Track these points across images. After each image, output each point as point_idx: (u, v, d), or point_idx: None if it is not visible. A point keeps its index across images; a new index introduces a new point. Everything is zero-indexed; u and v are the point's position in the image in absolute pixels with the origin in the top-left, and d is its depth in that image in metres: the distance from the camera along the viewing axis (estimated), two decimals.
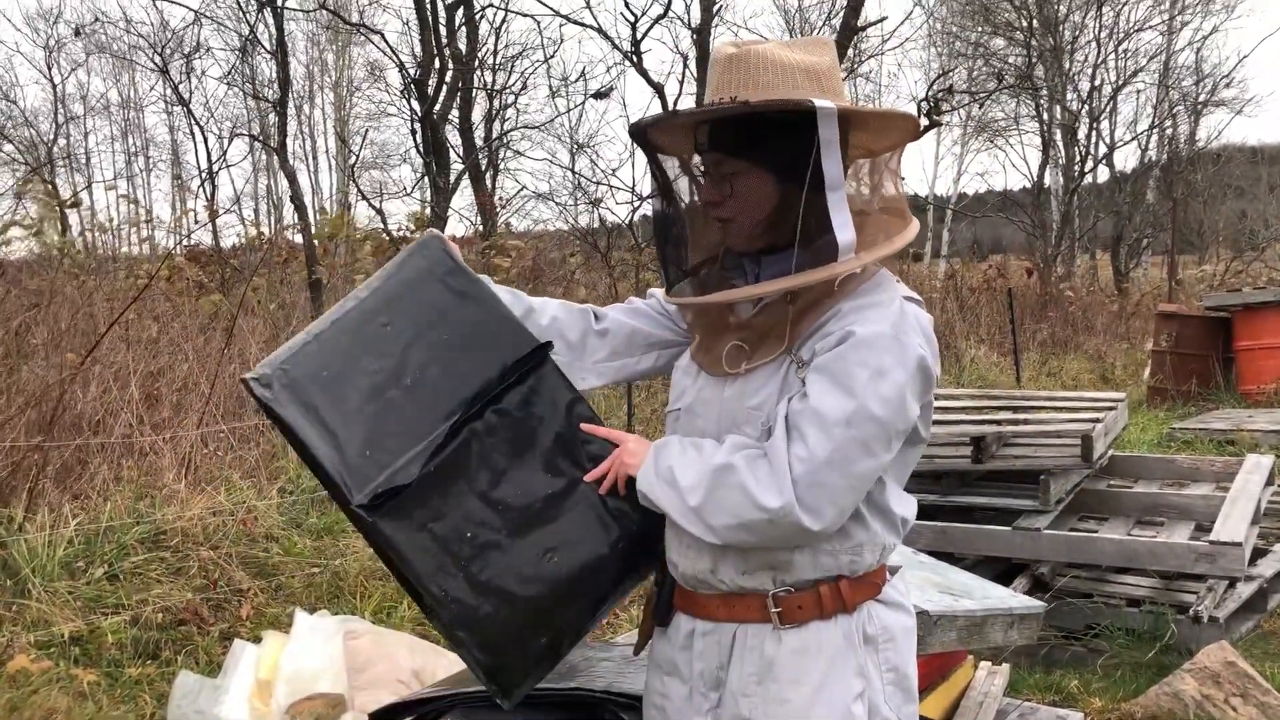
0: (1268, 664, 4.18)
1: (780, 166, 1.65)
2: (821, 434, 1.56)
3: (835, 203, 1.61)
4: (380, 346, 1.78)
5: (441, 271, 1.87)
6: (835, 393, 1.57)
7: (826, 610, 1.69)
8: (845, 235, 1.61)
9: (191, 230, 11.84)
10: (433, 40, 8.70)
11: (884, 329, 1.60)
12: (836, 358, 1.59)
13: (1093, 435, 5.01)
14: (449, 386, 1.78)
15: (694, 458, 1.67)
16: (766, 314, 1.71)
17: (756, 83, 1.63)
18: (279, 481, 5.54)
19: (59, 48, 21.04)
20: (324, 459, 1.70)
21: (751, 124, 1.64)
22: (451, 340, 1.81)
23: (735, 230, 1.73)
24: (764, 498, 1.57)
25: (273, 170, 21.22)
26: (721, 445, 1.67)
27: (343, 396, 1.74)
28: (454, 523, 1.74)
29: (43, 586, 4.21)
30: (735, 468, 1.60)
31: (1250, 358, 10.15)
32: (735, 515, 1.60)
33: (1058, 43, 20.80)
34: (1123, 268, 20.75)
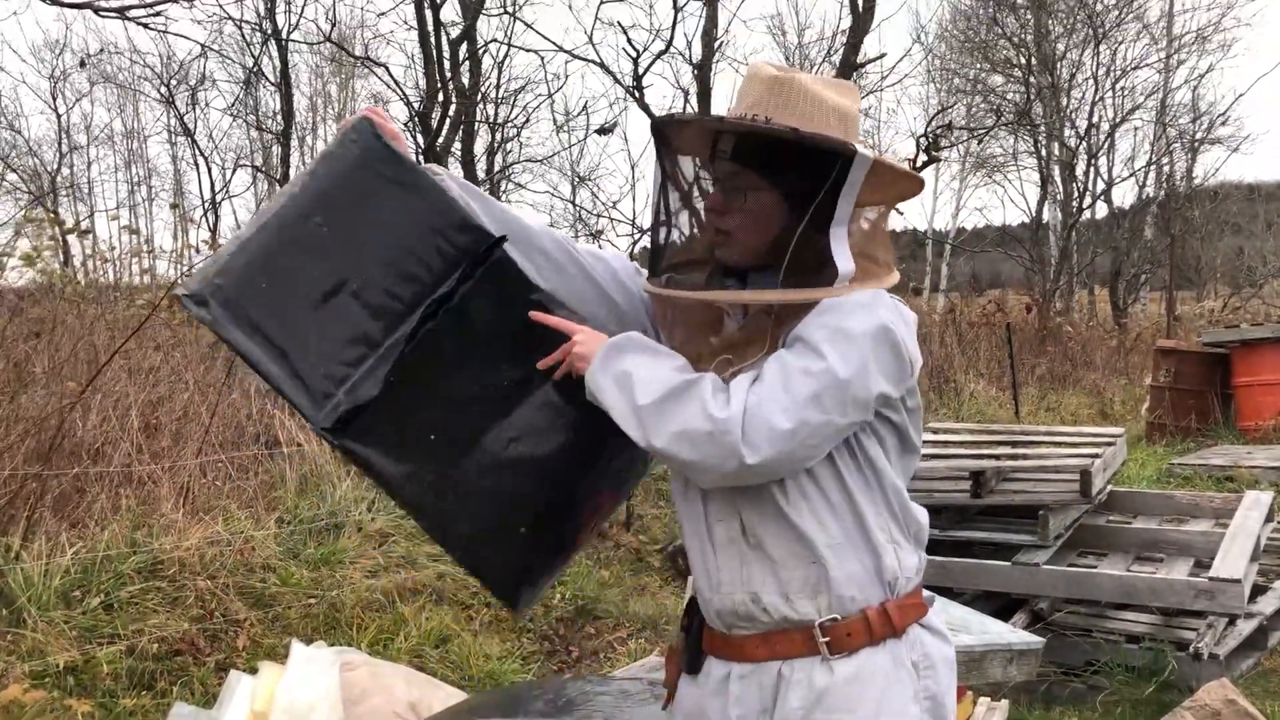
0: (1268, 702, 4.16)
1: (794, 194, 1.69)
2: (777, 377, 1.60)
3: (838, 236, 1.66)
4: (318, 249, 1.67)
5: (376, 160, 1.73)
6: (798, 348, 1.63)
7: (876, 635, 1.67)
8: (845, 265, 1.65)
9: (194, 264, 11.86)
10: (436, 74, 8.76)
11: (850, 301, 1.65)
12: (805, 324, 1.65)
13: (1091, 470, 5.01)
14: (399, 287, 1.70)
15: (654, 365, 1.67)
16: (749, 327, 1.74)
17: (794, 110, 1.68)
18: (277, 512, 5.52)
19: (64, 78, 21.19)
20: (278, 382, 1.63)
21: (782, 148, 1.68)
22: (395, 237, 1.71)
23: (732, 244, 1.75)
24: (713, 408, 1.59)
25: None
26: (675, 360, 1.69)
27: (285, 308, 1.64)
28: (418, 428, 1.70)
29: (38, 616, 4.19)
30: (699, 384, 1.63)
31: (1249, 394, 10.16)
32: (682, 423, 1.61)
33: (1055, 80, 20.97)
34: (1121, 303, 20.81)
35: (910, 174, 1.76)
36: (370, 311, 1.67)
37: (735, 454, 1.58)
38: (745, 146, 1.71)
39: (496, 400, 1.75)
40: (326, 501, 5.71)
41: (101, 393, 6.00)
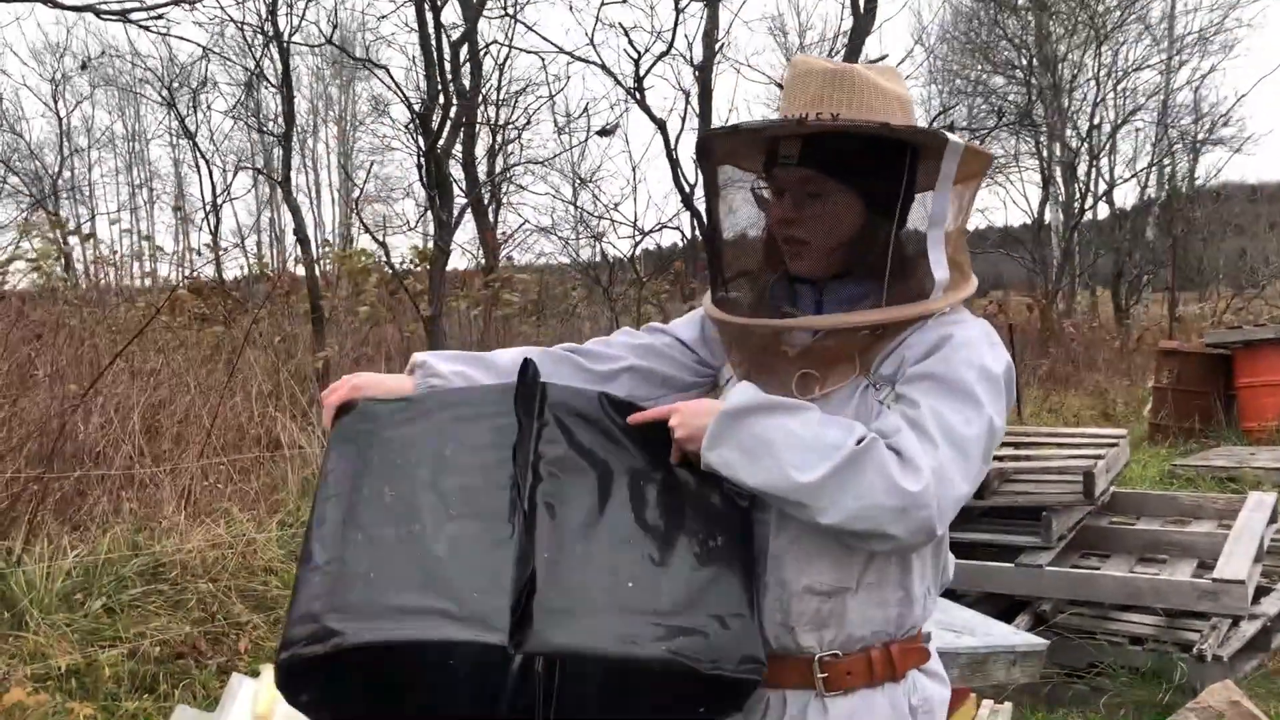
0: (1272, 703, 4.15)
1: (874, 191, 1.59)
2: (947, 436, 1.47)
3: (935, 240, 1.57)
4: (398, 515, 1.50)
5: (388, 416, 1.63)
6: (953, 399, 1.49)
7: (876, 677, 1.60)
8: (941, 273, 1.56)
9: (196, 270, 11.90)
10: (437, 76, 8.76)
11: (976, 333, 1.57)
12: (942, 362, 1.51)
13: (1095, 472, 5.00)
14: (485, 481, 1.53)
15: (795, 426, 1.49)
16: (837, 340, 1.60)
17: (861, 104, 1.57)
18: (278, 514, 5.52)
19: (65, 81, 21.22)
20: (448, 636, 1.38)
21: (864, 146, 1.57)
22: (451, 452, 1.57)
23: (808, 253, 1.63)
24: (902, 479, 1.43)
25: (276, 203, 21.34)
26: (819, 414, 1.51)
27: (405, 576, 1.43)
28: (598, 582, 1.46)
29: (40, 619, 4.19)
30: (873, 450, 1.45)
31: (1252, 395, 10.14)
32: (864, 498, 1.43)
33: (1057, 81, 20.96)
34: (1123, 304, 20.79)
35: (987, 153, 1.65)
36: (481, 520, 1.49)
37: (928, 528, 1.45)
38: (822, 147, 1.57)
39: (656, 513, 1.56)
40: None
41: (103, 395, 6.00)
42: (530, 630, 1.38)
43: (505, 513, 1.49)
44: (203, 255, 12.64)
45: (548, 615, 1.40)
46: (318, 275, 9.22)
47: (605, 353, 1.81)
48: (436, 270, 8.37)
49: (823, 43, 20.10)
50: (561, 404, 1.63)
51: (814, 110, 1.56)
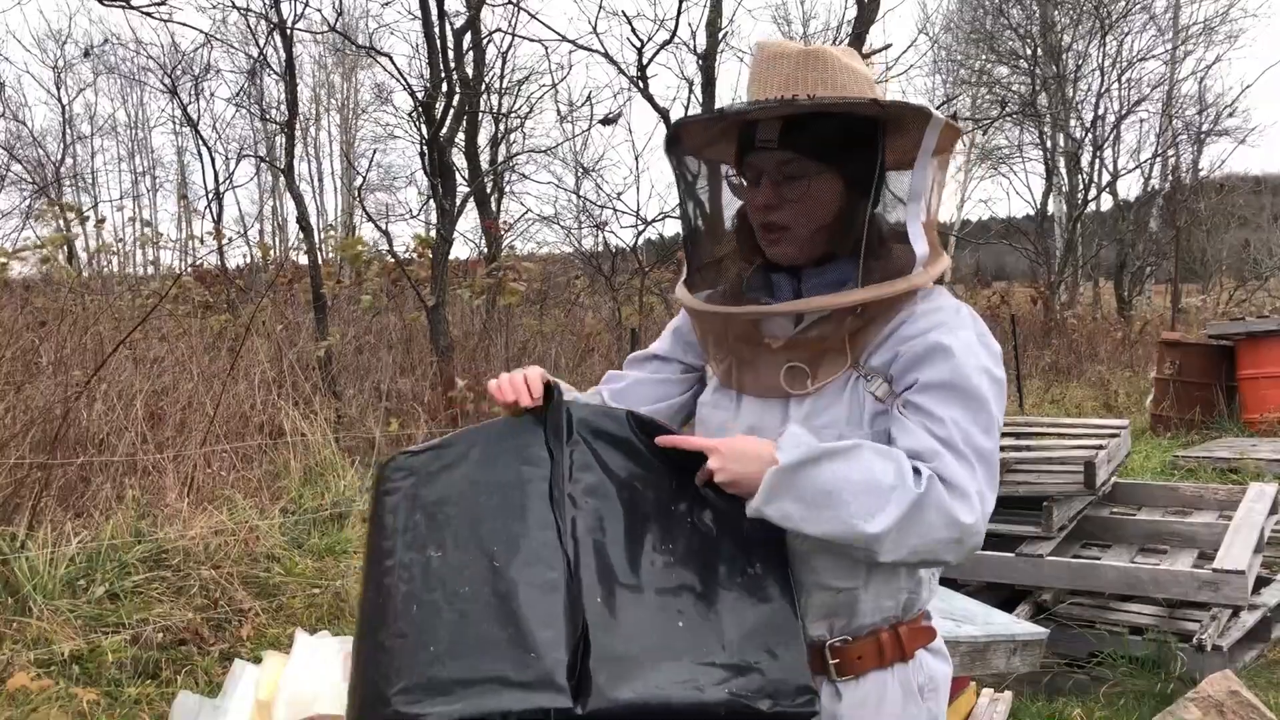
0: (1271, 693, 4.16)
1: (857, 170, 1.58)
2: (976, 452, 1.50)
3: (915, 214, 1.56)
4: (446, 578, 1.47)
5: (423, 468, 1.58)
6: (970, 408, 1.51)
7: (886, 659, 1.61)
8: (921, 247, 1.56)
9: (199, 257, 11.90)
10: (440, 64, 8.75)
11: (970, 334, 1.56)
12: (954, 370, 1.52)
13: (1095, 462, 5.01)
14: (525, 523, 1.49)
15: (856, 472, 1.46)
16: (821, 329, 1.59)
17: (835, 83, 1.54)
18: (281, 501, 5.54)
19: (68, 68, 21.21)
20: (510, 707, 1.37)
21: (837, 123, 1.56)
22: (485, 498, 1.52)
23: (790, 239, 1.60)
24: (961, 514, 1.46)
25: (279, 191, 21.34)
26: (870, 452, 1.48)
27: (461, 643, 1.41)
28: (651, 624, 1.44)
29: (44, 604, 4.21)
30: (933, 490, 1.46)
31: (1254, 386, 10.14)
32: (925, 538, 1.46)
33: (1061, 71, 20.91)
34: (1126, 296, 20.78)
35: (958, 127, 1.64)
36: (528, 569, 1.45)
37: (976, 549, 1.51)
38: (803, 129, 1.55)
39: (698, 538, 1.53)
40: (330, 491, 5.73)
41: (106, 383, 6.02)
42: (593, 687, 1.37)
43: (550, 554, 1.46)
44: (205, 243, 12.63)
45: (607, 668, 1.39)
46: (320, 263, 9.22)
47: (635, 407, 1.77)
48: (439, 259, 8.37)
49: (826, 31, 20.08)
50: (588, 424, 1.59)
51: (789, 91, 1.54)
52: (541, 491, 1.51)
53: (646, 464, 1.57)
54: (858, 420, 1.56)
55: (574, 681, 1.37)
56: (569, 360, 9.40)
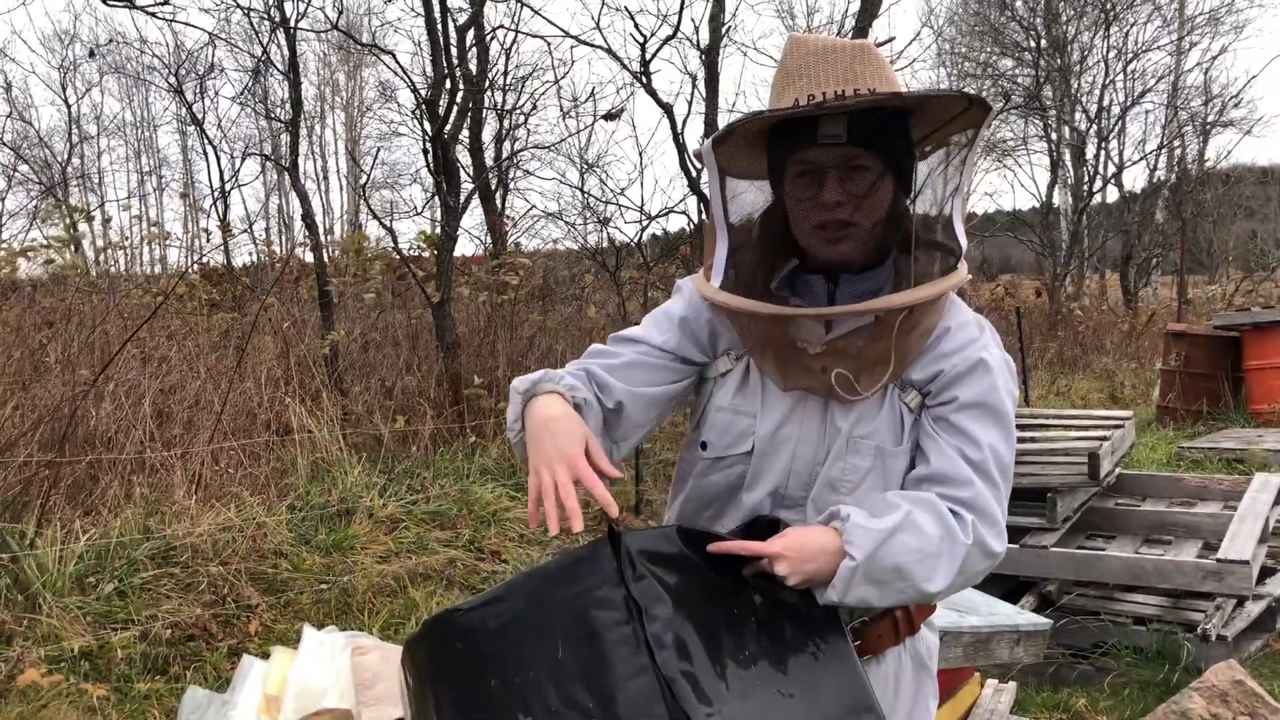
0: (1276, 683, 4.17)
1: (910, 168, 1.57)
2: (1004, 475, 1.59)
3: (958, 208, 1.57)
4: None
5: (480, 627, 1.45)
6: (1001, 430, 1.59)
7: (901, 635, 1.68)
8: (963, 240, 1.57)
9: (204, 253, 11.92)
10: (444, 61, 8.76)
11: (1000, 353, 1.62)
12: (990, 391, 1.58)
13: (1099, 453, 5.01)
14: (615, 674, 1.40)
15: (917, 531, 1.51)
16: (863, 336, 1.56)
17: (887, 78, 1.53)
18: (288, 498, 5.56)
19: (74, 68, 21.25)
20: None
21: (899, 120, 1.54)
22: (564, 654, 1.42)
23: (854, 236, 1.55)
24: (993, 544, 1.57)
25: (284, 190, 21.38)
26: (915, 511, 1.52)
27: None
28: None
29: (53, 601, 4.23)
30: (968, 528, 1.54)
31: (1260, 377, 10.13)
32: (966, 573, 1.56)
33: (1066, 63, 20.85)
34: (1132, 287, 20.73)
35: None
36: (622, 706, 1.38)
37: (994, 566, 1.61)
38: (868, 124, 1.51)
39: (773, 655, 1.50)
40: (338, 487, 5.75)
41: (114, 381, 6.04)
42: None
43: (648, 702, 1.38)
44: (211, 241, 12.66)
45: None
46: (326, 261, 9.24)
47: (607, 381, 1.69)
48: (444, 255, 8.38)
49: (830, 24, 20.03)
50: (646, 553, 1.50)
51: (849, 85, 1.50)
52: (624, 636, 1.41)
53: (703, 576, 1.52)
54: (895, 432, 1.59)
55: None
56: (574, 356, 9.40)
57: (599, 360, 1.71)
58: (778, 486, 1.63)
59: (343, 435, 6.28)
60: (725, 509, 1.69)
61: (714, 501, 1.70)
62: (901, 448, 1.57)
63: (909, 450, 1.58)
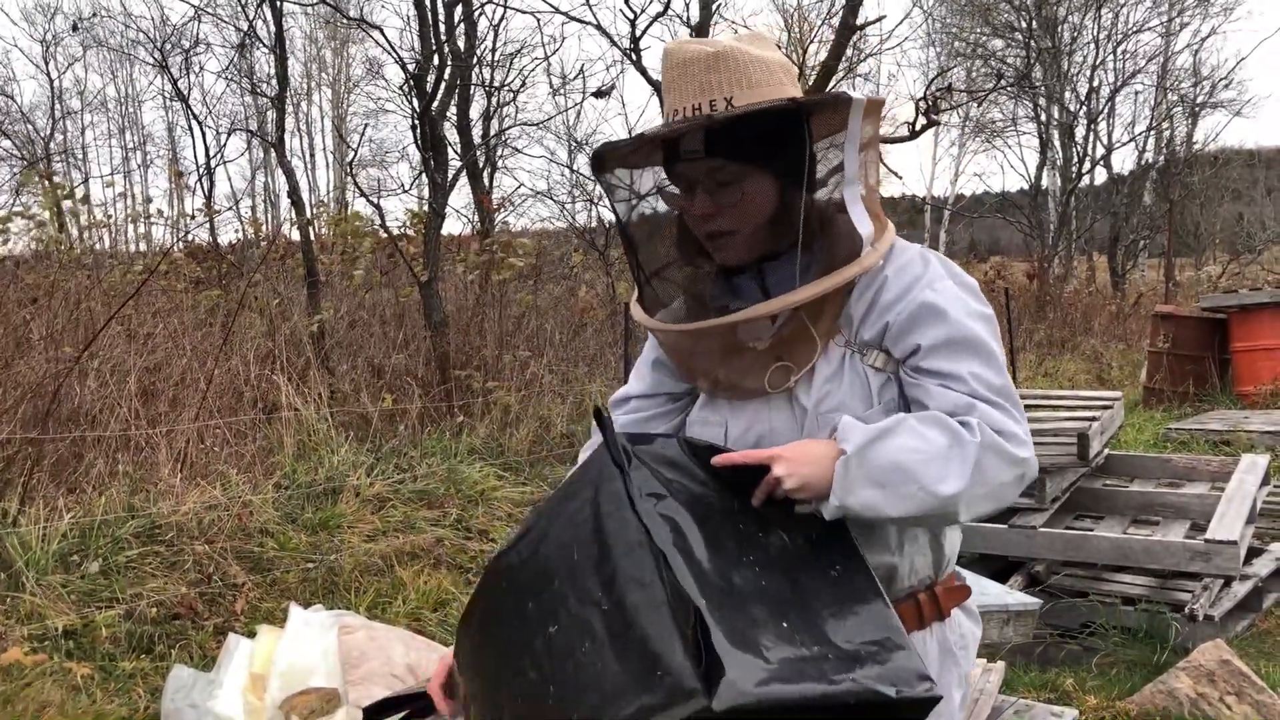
0: (1262, 662, 4.18)
1: (788, 166, 1.58)
2: (1002, 395, 1.54)
3: (854, 196, 1.57)
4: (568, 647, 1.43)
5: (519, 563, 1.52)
6: (980, 357, 1.55)
7: (926, 620, 1.63)
8: (865, 228, 1.57)
9: (189, 230, 11.82)
10: (431, 36, 8.68)
11: (949, 283, 1.59)
12: (952, 326, 1.55)
13: (1089, 434, 5.02)
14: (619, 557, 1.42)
15: (921, 436, 1.47)
16: (793, 322, 1.59)
17: (749, 80, 1.55)
18: (274, 476, 5.53)
19: (56, 42, 21.04)
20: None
21: (762, 123, 1.55)
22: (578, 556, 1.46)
23: (735, 242, 1.61)
24: (1017, 450, 1.50)
25: (270, 167, 21.24)
26: (914, 421, 1.50)
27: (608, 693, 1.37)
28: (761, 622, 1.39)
29: (36, 580, 4.20)
30: (986, 431, 1.48)
31: (1247, 359, 10.16)
32: (993, 481, 1.48)
33: (1056, 44, 20.83)
34: (1120, 269, 20.79)
35: (881, 99, 1.65)
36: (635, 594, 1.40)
37: (1030, 480, 1.54)
38: (727, 134, 1.55)
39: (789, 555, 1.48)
40: (324, 466, 5.72)
41: (98, 358, 5.99)
42: (724, 680, 1.29)
43: (641, 570, 1.39)
44: (196, 218, 12.56)
45: (733, 659, 1.31)
46: (313, 238, 9.18)
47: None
48: (431, 233, 8.33)
49: (820, 3, 19.95)
50: (646, 451, 1.53)
51: (705, 99, 1.54)
52: (621, 520, 1.43)
53: (707, 487, 1.52)
54: (864, 396, 1.58)
55: (703, 670, 1.31)
56: (563, 335, 9.38)
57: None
58: None
59: (330, 414, 6.25)
60: None
61: None
62: (874, 410, 1.56)
63: (882, 411, 1.56)
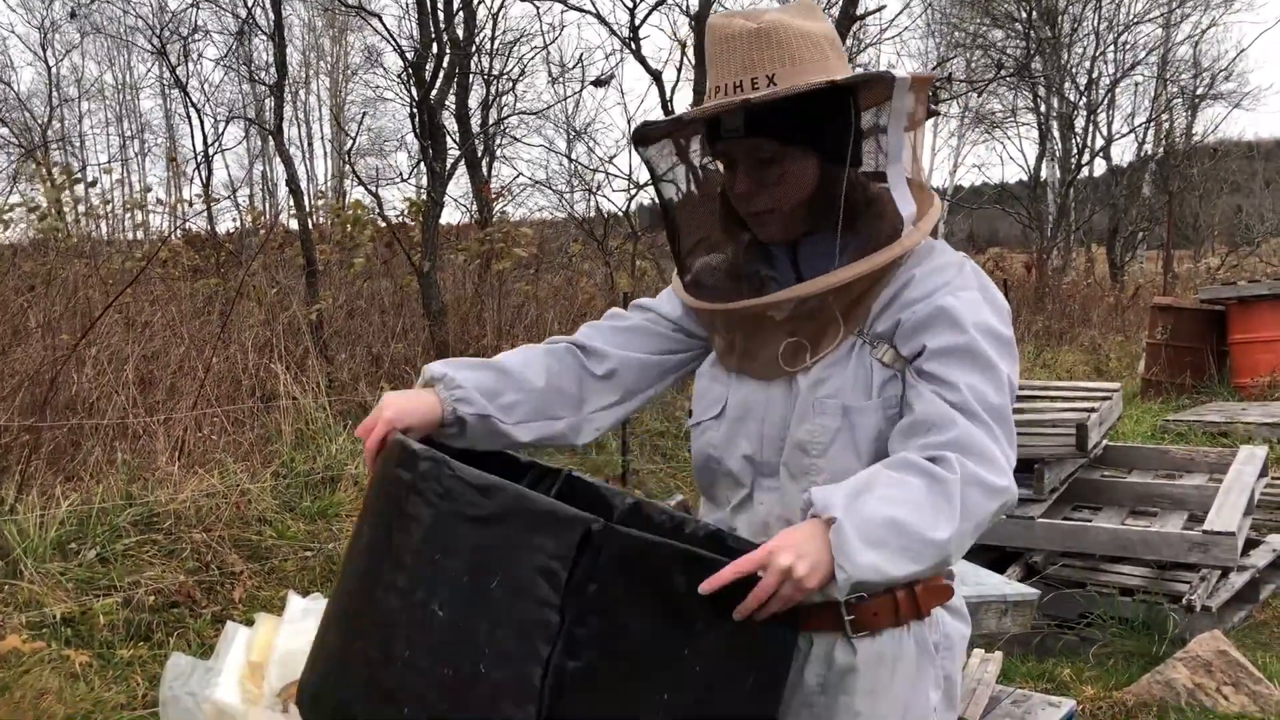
0: (1259, 653, 4.19)
1: (829, 145, 1.55)
2: (992, 414, 1.48)
3: (897, 175, 1.56)
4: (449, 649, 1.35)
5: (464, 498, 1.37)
6: (979, 370, 1.50)
7: (902, 617, 1.58)
8: (908, 208, 1.55)
9: (187, 216, 11.80)
10: (430, 24, 8.66)
11: (974, 293, 1.55)
12: (960, 333, 1.50)
13: (1088, 425, 5.02)
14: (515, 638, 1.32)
15: (901, 486, 1.41)
16: (820, 302, 1.57)
17: (793, 57, 1.52)
18: (272, 465, 5.53)
19: (54, 29, 20.96)
20: None
21: (802, 103, 1.52)
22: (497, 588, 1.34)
23: (775, 220, 1.60)
24: (994, 478, 1.44)
25: (268, 156, 21.18)
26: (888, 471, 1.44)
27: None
28: None
29: (35, 567, 4.20)
30: (965, 466, 1.43)
31: (1244, 351, 10.16)
32: (977, 514, 1.43)
33: (1056, 34, 20.77)
34: (1118, 261, 20.77)
35: (929, 75, 1.65)
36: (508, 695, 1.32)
37: (1011, 508, 1.50)
38: (767, 112, 1.52)
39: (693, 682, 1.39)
40: (322, 455, 5.72)
41: (96, 346, 5.99)
42: None
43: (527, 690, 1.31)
44: (194, 205, 12.52)
45: None
46: (310, 227, 9.16)
47: (600, 349, 1.73)
48: (430, 222, 8.32)
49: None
50: (627, 560, 1.34)
51: (746, 76, 1.52)
52: (543, 617, 1.31)
53: (676, 608, 1.36)
54: (864, 388, 1.55)
55: None
56: (562, 325, 9.38)
57: (609, 323, 1.78)
58: (752, 453, 1.63)
59: (328, 402, 6.24)
60: (716, 480, 1.70)
61: (704, 471, 1.71)
62: (871, 403, 1.54)
63: (881, 406, 1.54)
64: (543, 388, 1.68)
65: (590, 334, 1.76)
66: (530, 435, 1.68)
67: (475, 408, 1.63)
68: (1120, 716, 3.77)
